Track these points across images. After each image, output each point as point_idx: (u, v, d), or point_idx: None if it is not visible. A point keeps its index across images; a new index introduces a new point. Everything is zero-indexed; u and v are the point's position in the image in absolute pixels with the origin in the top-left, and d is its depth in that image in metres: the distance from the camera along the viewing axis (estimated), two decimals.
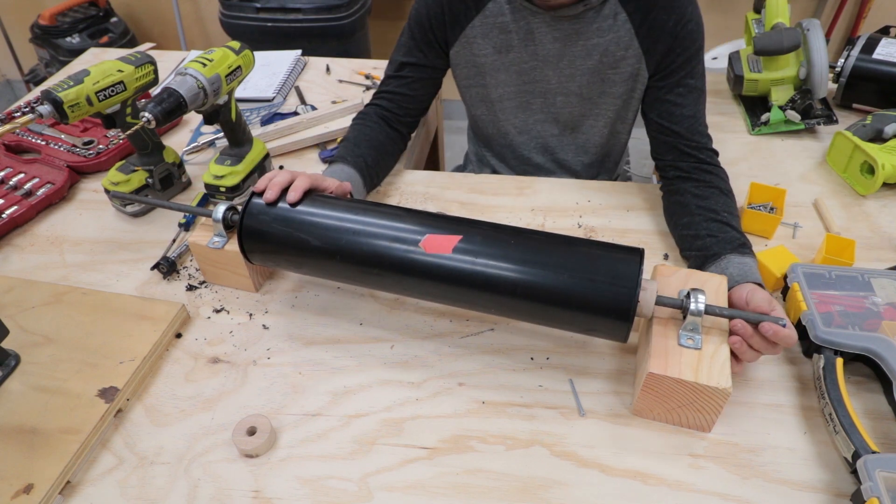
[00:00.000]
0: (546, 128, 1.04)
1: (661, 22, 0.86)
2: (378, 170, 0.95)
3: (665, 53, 0.87)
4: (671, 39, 0.86)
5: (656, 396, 0.63)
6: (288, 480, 0.62)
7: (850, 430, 0.60)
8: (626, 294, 0.61)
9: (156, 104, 0.80)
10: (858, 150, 0.95)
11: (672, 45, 0.86)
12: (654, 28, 0.86)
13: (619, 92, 0.95)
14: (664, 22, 0.85)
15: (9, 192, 0.98)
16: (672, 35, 0.86)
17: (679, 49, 0.86)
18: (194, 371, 0.73)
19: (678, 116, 0.89)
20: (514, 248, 0.66)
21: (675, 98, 0.89)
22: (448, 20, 0.94)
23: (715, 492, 0.60)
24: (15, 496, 0.58)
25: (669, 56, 0.87)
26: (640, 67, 0.90)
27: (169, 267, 0.84)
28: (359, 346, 0.75)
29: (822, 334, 0.68)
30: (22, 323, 0.76)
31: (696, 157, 0.87)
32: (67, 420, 0.65)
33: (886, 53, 1.07)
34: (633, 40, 0.88)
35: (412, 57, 0.98)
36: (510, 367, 0.72)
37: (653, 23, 0.86)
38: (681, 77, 0.88)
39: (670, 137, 0.89)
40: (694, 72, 0.88)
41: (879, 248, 0.86)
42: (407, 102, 1.00)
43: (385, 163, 0.98)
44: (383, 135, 0.98)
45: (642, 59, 0.89)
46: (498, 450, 0.64)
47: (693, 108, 0.88)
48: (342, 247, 0.69)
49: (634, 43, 0.88)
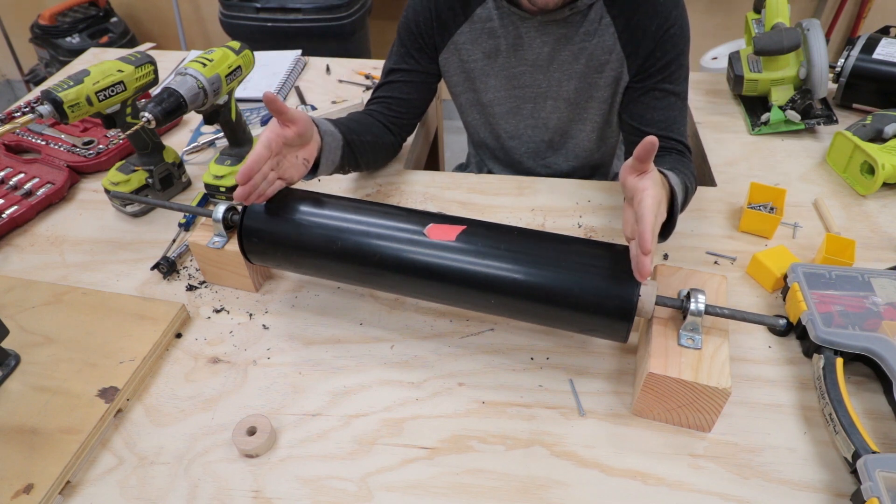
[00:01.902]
0: (536, 133, 1.04)
1: (643, 26, 0.85)
2: (361, 143, 0.89)
3: (646, 57, 0.87)
4: (653, 44, 0.86)
5: (656, 396, 0.63)
6: (288, 480, 0.62)
7: (850, 430, 0.60)
8: (626, 294, 0.61)
9: (156, 104, 0.80)
10: (858, 150, 0.95)
11: (653, 49, 0.86)
12: (636, 32, 0.86)
13: (605, 96, 0.95)
14: (647, 26, 0.85)
15: (9, 192, 0.98)
16: (654, 39, 0.85)
17: (659, 53, 0.86)
18: (194, 371, 0.73)
19: (648, 120, 0.88)
20: (514, 247, 0.66)
21: (648, 101, 0.88)
22: (436, 25, 0.94)
23: (715, 492, 0.60)
24: (15, 496, 0.58)
25: (649, 60, 0.87)
26: (622, 71, 0.90)
27: (169, 267, 0.84)
28: (359, 346, 0.75)
29: (822, 334, 0.68)
30: (22, 323, 0.76)
31: (668, 147, 0.87)
32: (67, 420, 0.65)
33: (886, 53, 1.07)
34: (616, 44, 0.88)
35: (403, 63, 0.97)
36: (510, 367, 0.72)
37: (635, 27, 0.86)
38: (657, 81, 0.88)
39: (639, 138, 0.89)
40: (672, 77, 0.87)
41: (879, 248, 0.86)
42: (399, 106, 0.98)
43: (371, 144, 0.93)
44: (376, 127, 0.96)
45: (624, 63, 0.89)
46: (498, 450, 0.64)
47: (665, 112, 0.88)
48: (342, 246, 0.69)
49: (617, 47, 0.88)
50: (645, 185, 0.59)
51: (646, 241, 0.56)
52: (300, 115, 0.71)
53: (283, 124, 0.70)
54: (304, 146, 0.75)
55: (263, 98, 0.66)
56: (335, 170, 0.86)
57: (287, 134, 0.70)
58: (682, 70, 0.88)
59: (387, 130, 0.98)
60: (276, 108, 0.67)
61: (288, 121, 0.70)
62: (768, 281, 0.79)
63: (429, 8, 0.93)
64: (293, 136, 0.71)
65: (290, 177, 0.73)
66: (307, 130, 0.73)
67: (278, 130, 0.69)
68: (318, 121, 0.80)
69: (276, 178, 0.72)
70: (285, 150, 0.72)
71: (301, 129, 0.71)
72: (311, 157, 0.76)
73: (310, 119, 0.74)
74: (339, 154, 0.83)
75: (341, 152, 0.84)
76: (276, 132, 0.69)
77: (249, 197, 0.68)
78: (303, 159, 0.74)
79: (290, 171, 0.73)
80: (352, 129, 0.88)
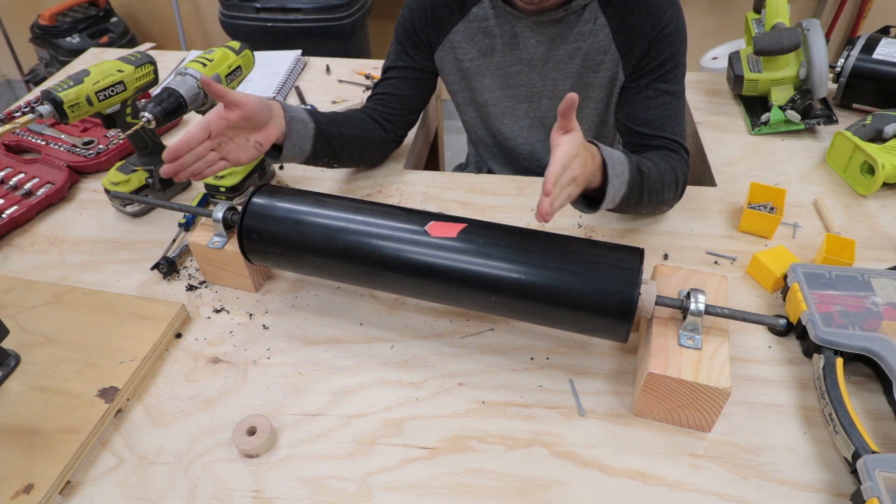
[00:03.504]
0: (532, 133, 1.04)
1: (637, 26, 0.86)
2: (340, 136, 0.89)
3: (640, 57, 0.87)
4: (647, 44, 0.86)
5: (656, 396, 0.63)
6: (288, 480, 0.62)
7: (850, 430, 0.60)
8: (626, 294, 0.61)
9: (156, 104, 0.80)
10: (858, 150, 0.95)
11: (647, 49, 0.86)
12: (630, 32, 0.86)
13: (600, 96, 0.95)
14: (641, 26, 0.85)
15: (9, 192, 0.98)
16: (648, 40, 0.86)
17: (654, 53, 0.86)
18: (194, 371, 0.73)
19: (642, 119, 0.88)
20: (514, 247, 0.66)
21: (642, 100, 0.89)
22: (431, 23, 0.94)
23: (715, 492, 0.60)
24: (15, 496, 0.58)
25: (644, 60, 0.87)
26: (617, 71, 0.90)
27: (169, 267, 0.84)
28: (359, 346, 0.75)
29: (822, 334, 0.68)
30: (22, 323, 0.76)
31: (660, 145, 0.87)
32: (67, 420, 0.65)
33: (886, 53, 1.07)
34: (610, 44, 0.88)
35: (399, 61, 0.98)
36: (510, 367, 0.72)
37: (630, 27, 0.86)
38: (651, 81, 0.88)
39: (633, 137, 0.90)
40: (667, 77, 0.87)
41: (879, 248, 0.86)
42: (393, 102, 0.98)
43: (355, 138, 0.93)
44: (366, 122, 0.96)
45: (619, 63, 0.89)
46: (498, 450, 0.64)
47: (659, 111, 0.88)
48: (342, 246, 0.69)
49: (612, 47, 0.88)
50: (561, 140, 0.64)
51: (547, 182, 0.60)
52: (246, 100, 0.71)
53: (227, 107, 0.71)
54: (258, 130, 0.75)
55: (201, 82, 0.66)
56: (308, 159, 0.86)
57: (230, 117, 0.71)
58: (678, 70, 0.88)
59: (378, 126, 0.98)
60: (214, 92, 0.69)
61: (230, 104, 0.71)
62: (768, 281, 0.79)
63: (424, 6, 0.93)
64: (237, 118, 0.71)
65: (235, 158, 0.74)
66: (256, 114, 0.73)
67: (221, 113, 0.71)
68: (289, 108, 0.81)
69: (220, 159, 0.73)
70: (231, 132, 0.73)
71: (247, 113, 0.72)
72: (268, 140, 0.76)
73: (262, 103, 0.74)
74: (309, 143, 0.84)
75: (312, 141, 0.85)
76: (218, 114, 0.71)
77: (178, 174, 0.71)
78: (254, 142, 0.75)
79: (237, 153, 0.74)
80: (333, 120, 0.88)
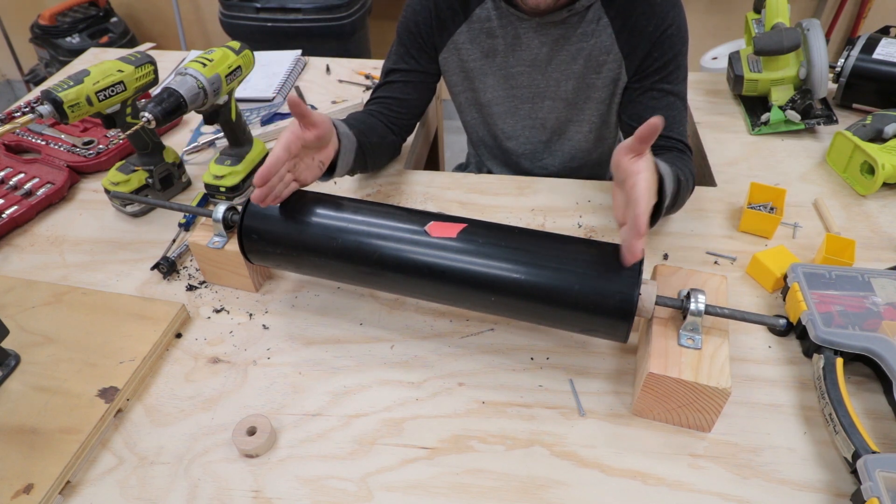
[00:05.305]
0: (534, 133, 1.04)
1: (640, 27, 0.86)
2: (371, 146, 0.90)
3: (643, 58, 0.87)
4: (650, 45, 0.86)
5: (656, 396, 0.63)
6: (288, 480, 0.62)
7: (850, 430, 0.60)
8: (626, 294, 0.61)
9: (156, 104, 0.80)
10: (858, 150, 0.95)
11: (650, 49, 0.86)
12: (633, 33, 0.87)
13: (603, 97, 0.95)
14: (644, 27, 0.86)
15: (9, 192, 0.98)
16: (651, 40, 0.86)
17: (657, 54, 0.86)
18: (194, 371, 0.73)
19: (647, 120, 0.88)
20: (514, 247, 0.66)
21: (646, 101, 0.89)
22: (436, 25, 0.94)
23: (715, 492, 0.60)
24: (15, 496, 0.58)
25: (647, 60, 0.87)
26: (620, 72, 0.90)
27: (169, 267, 0.84)
28: (359, 346, 0.75)
29: (822, 334, 0.68)
30: (22, 323, 0.76)
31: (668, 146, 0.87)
32: (67, 420, 0.65)
33: (886, 53, 1.07)
34: (613, 45, 0.88)
35: (402, 63, 0.97)
36: (510, 367, 0.72)
37: (633, 28, 0.86)
38: (654, 81, 0.88)
39: None
40: (671, 77, 0.88)
41: (879, 248, 0.86)
42: (398, 106, 0.98)
43: (378, 146, 0.93)
44: (381, 128, 0.96)
45: (622, 64, 0.90)
46: (498, 450, 0.64)
47: (664, 112, 0.87)
48: (342, 246, 0.69)
49: (615, 48, 0.88)
50: (639, 167, 0.59)
51: (640, 224, 0.56)
52: (322, 119, 0.71)
53: (305, 127, 0.69)
54: (322, 149, 0.75)
55: (287, 102, 0.66)
56: (345, 173, 0.86)
57: (307, 137, 0.70)
58: (681, 70, 0.88)
59: (389, 131, 0.98)
60: (299, 112, 0.67)
61: (309, 124, 0.69)
62: (768, 281, 0.79)
63: (428, 8, 0.93)
64: (313, 139, 0.70)
65: (304, 179, 0.73)
66: (327, 134, 0.72)
67: (298, 133, 0.69)
68: (336, 123, 0.79)
69: (292, 180, 0.72)
70: (303, 152, 0.71)
71: (321, 133, 0.71)
72: (328, 159, 0.76)
73: (331, 122, 0.74)
74: (353, 157, 0.84)
75: (354, 155, 0.84)
76: (296, 134, 0.69)
77: (266, 199, 0.69)
78: (318, 161, 0.75)
79: (305, 174, 0.73)
80: (362, 131, 0.88)
